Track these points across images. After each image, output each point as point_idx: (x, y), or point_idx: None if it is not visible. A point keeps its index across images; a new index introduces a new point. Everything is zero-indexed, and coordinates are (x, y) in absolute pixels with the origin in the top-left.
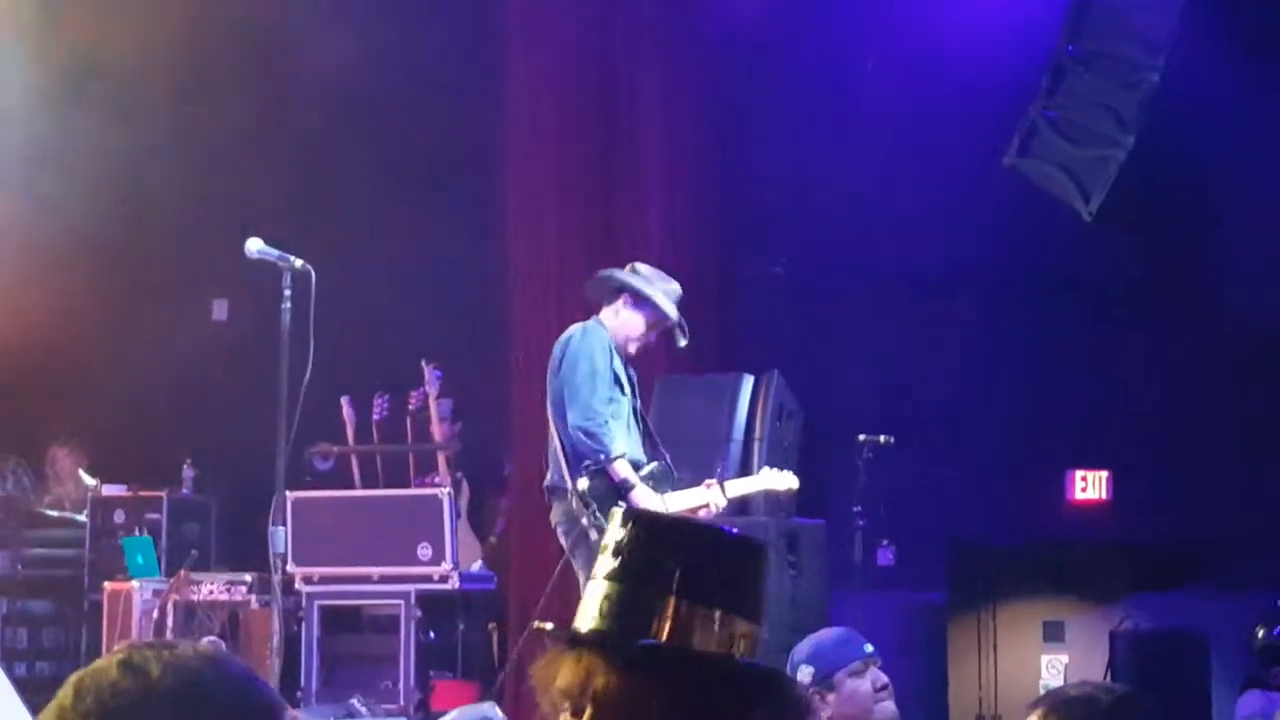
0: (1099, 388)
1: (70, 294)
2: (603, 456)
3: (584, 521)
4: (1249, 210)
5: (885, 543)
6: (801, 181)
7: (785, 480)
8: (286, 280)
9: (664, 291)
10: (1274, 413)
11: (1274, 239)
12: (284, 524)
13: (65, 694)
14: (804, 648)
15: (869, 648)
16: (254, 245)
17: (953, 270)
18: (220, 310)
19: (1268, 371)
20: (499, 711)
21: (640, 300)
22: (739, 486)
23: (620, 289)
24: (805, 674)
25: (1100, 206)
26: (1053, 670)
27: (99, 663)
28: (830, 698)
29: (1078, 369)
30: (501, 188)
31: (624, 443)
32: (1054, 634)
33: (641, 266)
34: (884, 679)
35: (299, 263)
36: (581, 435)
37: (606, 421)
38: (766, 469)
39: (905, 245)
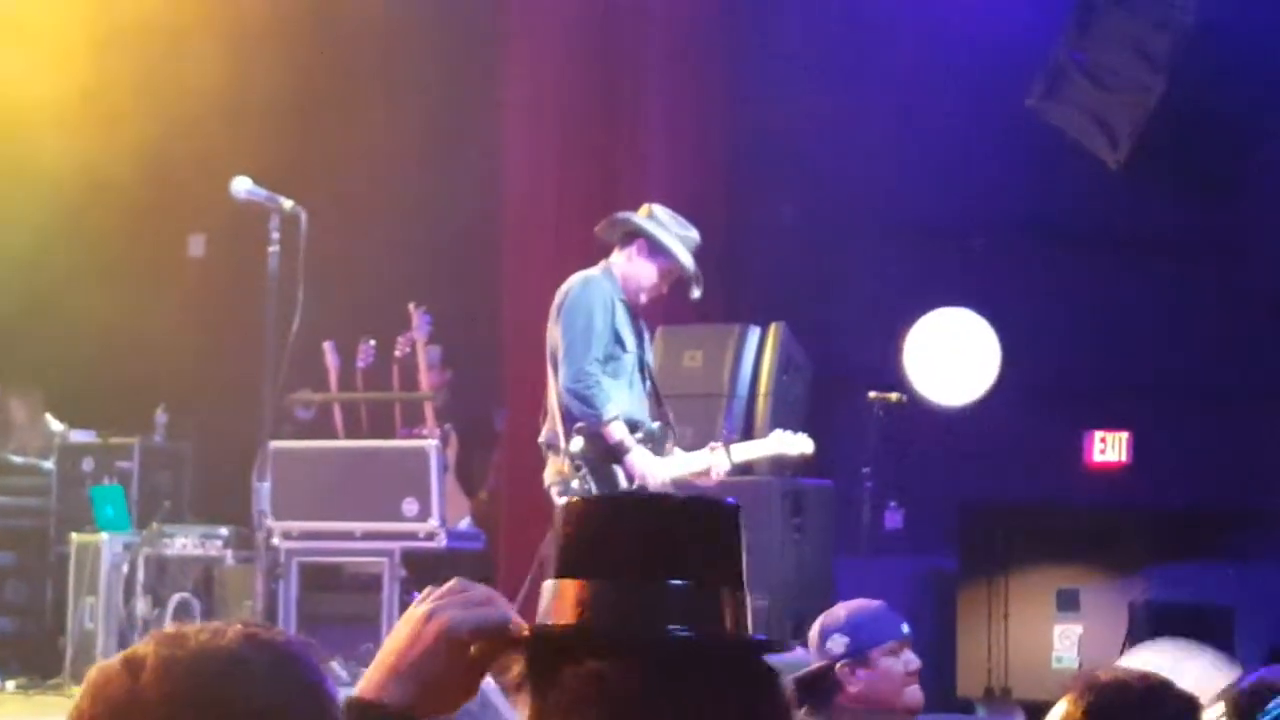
0: (1120, 343)
1: (33, 228)
2: (594, 419)
3: (574, 485)
4: (1274, 164)
5: (893, 505)
6: (811, 125)
7: (799, 444)
8: (274, 223)
9: (681, 239)
10: None
11: None
12: (272, 495)
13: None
14: (838, 616)
15: (905, 628)
16: (241, 185)
17: (968, 220)
18: (197, 246)
19: None
20: (490, 679)
21: (655, 248)
22: (747, 450)
23: (635, 234)
24: (838, 644)
25: (1127, 154)
26: (1066, 641)
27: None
28: (861, 673)
29: (1098, 323)
30: (498, 126)
31: (620, 403)
32: (1068, 603)
33: (659, 210)
34: (917, 662)
35: (289, 204)
36: (571, 398)
37: (599, 382)
38: (778, 431)
39: (919, 193)
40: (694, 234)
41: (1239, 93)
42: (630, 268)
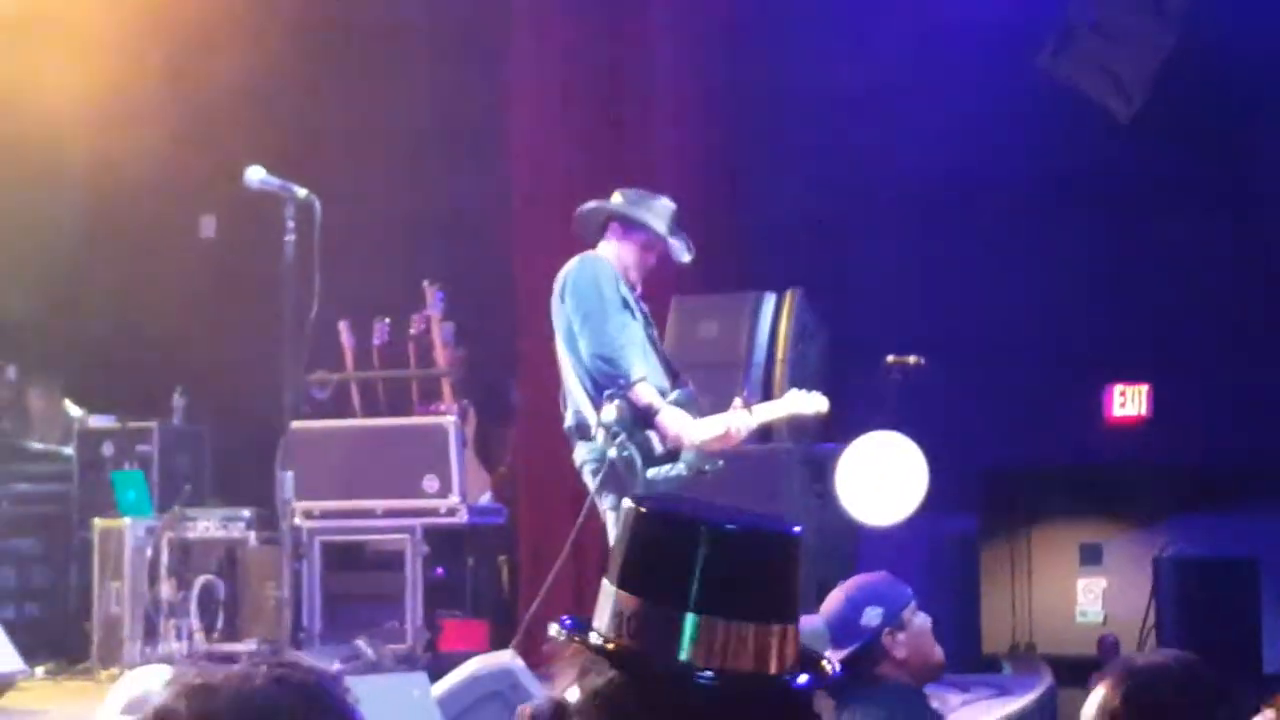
0: (1138, 297)
1: (47, 216)
2: (623, 381)
3: (612, 454)
4: None
5: None
6: (821, 89)
7: (814, 402)
8: (290, 211)
9: (652, 210)
10: None
11: None
12: (292, 468)
13: None
14: (856, 593)
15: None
16: (255, 175)
17: (982, 178)
18: (208, 227)
19: None
20: (520, 661)
21: (629, 225)
22: (766, 410)
23: (608, 219)
24: (874, 615)
25: (1139, 108)
26: (1090, 595)
27: None
28: (901, 636)
29: (1115, 278)
30: (505, 99)
31: (644, 366)
32: (1091, 558)
33: (627, 190)
34: (929, 618)
35: (303, 192)
36: (599, 363)
37: (623, 345)
38: (793, 391)
39: (931, 152)
40: (666, 202)
41: (1250, 44)
42: (612, 251)
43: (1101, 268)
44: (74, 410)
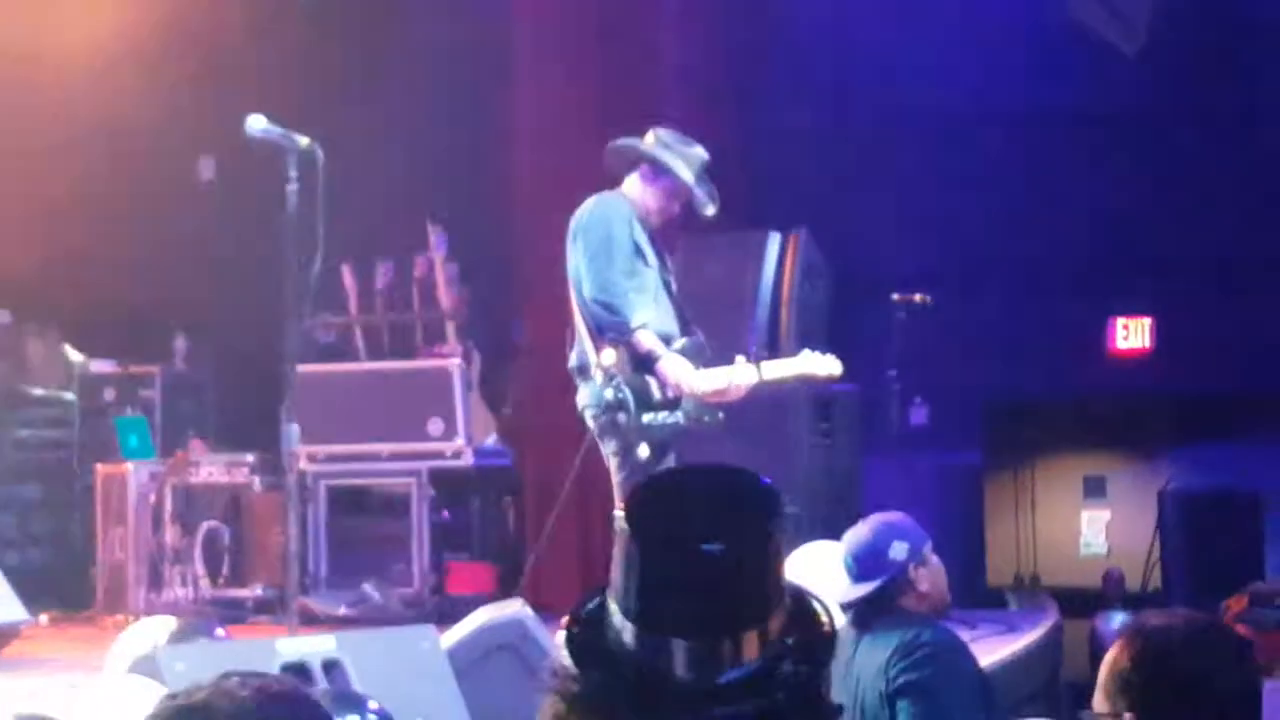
0: (1140, 229)
1: (41, 154)
2: (623, 327)
3: (608, 396)
4: None
5: (918, 401)
6: (827, 27)
7: (827, 364)
8: (291, 160)
9: (683, 156)
10: None
11: None
12: (296, 420)
13: None
14: (883, 528)
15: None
16: (256, 124)
17: (984, 112)
18: (208, 169)
19: None
20: (529, 611)
21: (659, 170)
22: (777, 368)
23: (637, 159)
24: (901, 550)
25: (1143, 41)
26: (1094, 528)
27: None
28: (922, 571)
29: (1117, 211)
30: (508, 36)
31: (647, 314)
32: (1095, 490)
33: (662, 132)
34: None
35: (305, 141)
36: (599, 308)
37: (625, 291)
38: (807, 352)
39: (936, 89)
40: (699, 151)
41: None
42: (637, 192)
43: (1103, 201)
44: (74, 355)
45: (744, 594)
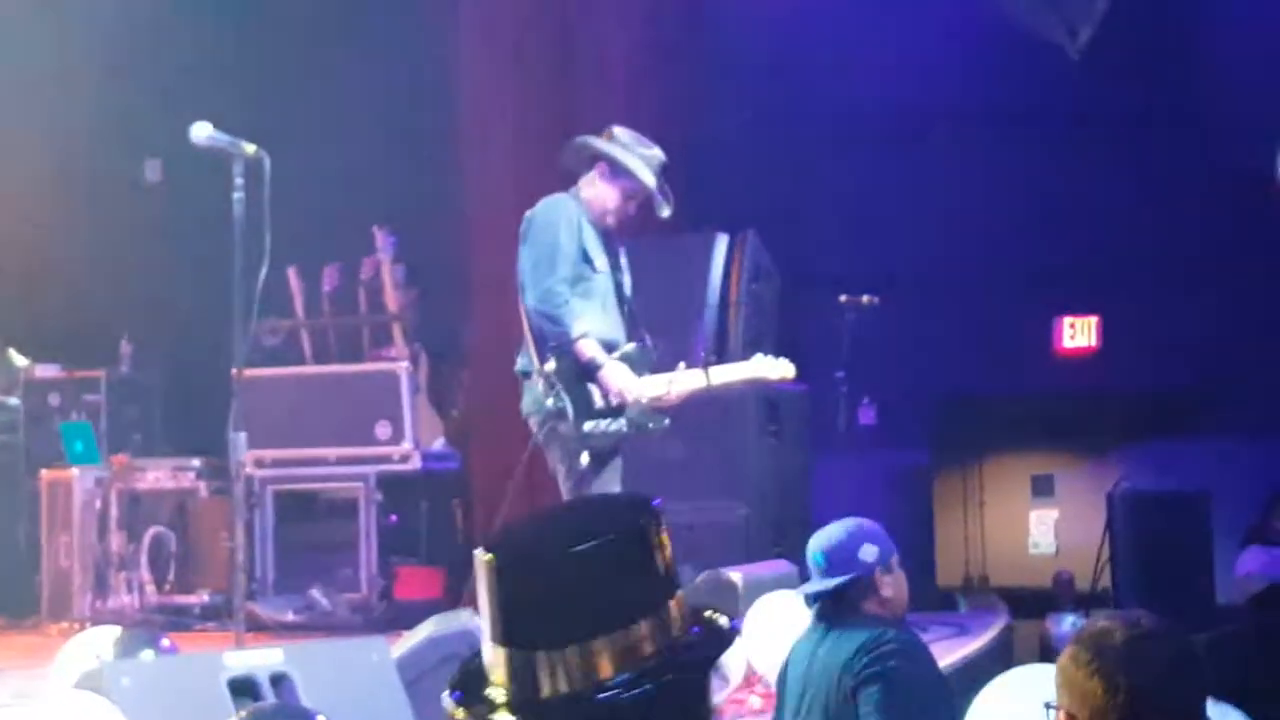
0: (1086, 229)
1: None
2: (564, 338)
3: (549, 404)
4: (1239, 44)
5: (866, 401)
6: (770, 28)
7: (779, 368)
8: (238, 168)
9: (642, 158)
10: (1268, 249)
11: (1266, 72)
12: (244, 429)
13: None
14: (856, 530)
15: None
16: (202, 131)
17: (931, 113)
18: (154, 171)
19: (1261, 207)
20: (478, 620)
21: (616, 170)
22: (726, 372)
23: (595, 158)
24: (870, 553)
25: (1086, 43)
26: (1042, 527)
27: None
28: (887, 578)
29: (1062, 211)
30: (455, 36)
31: (590, 322)
32: (1043, 489)
33: (620, 131)
34: None
35: (251, 149)
36: (540, 318)
37: (566, 301)
38: (759, 356)
39: (882, 87)
40: (656, 152)
41: None
42: (593, 191)
43: (1049, 201)
44: (19, 360)
45: (617, 593)
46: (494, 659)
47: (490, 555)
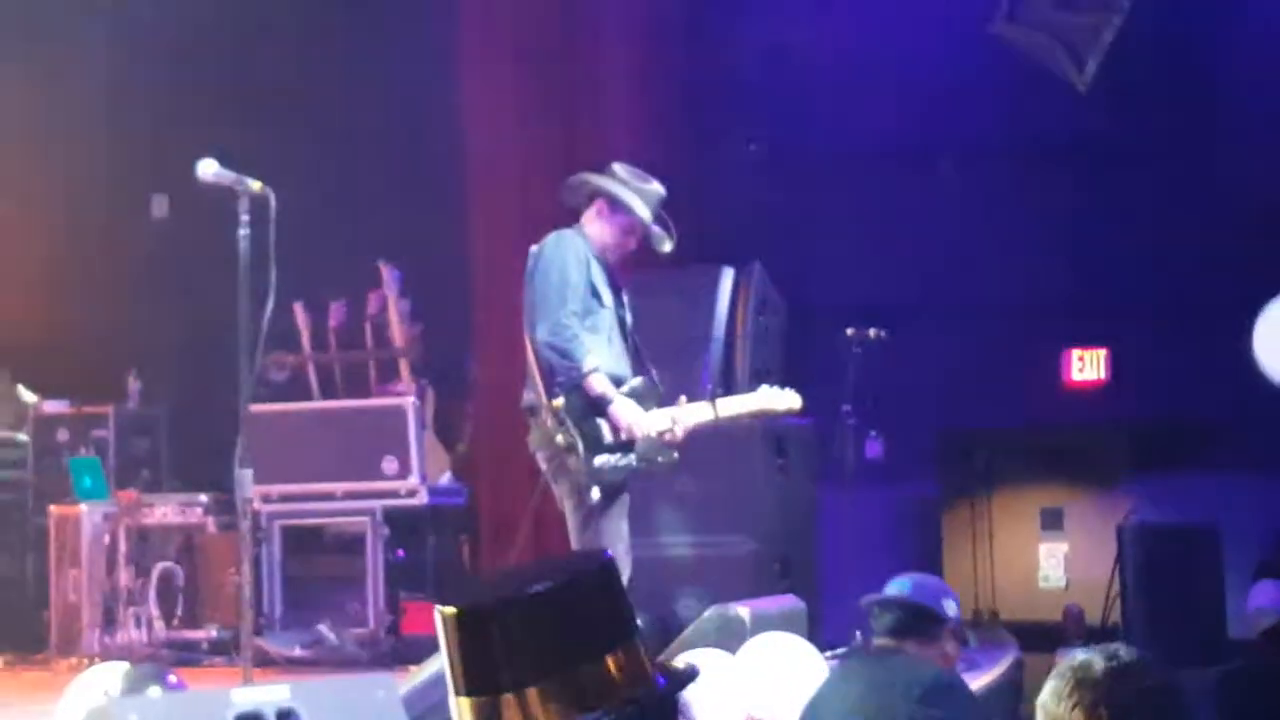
0: (1094, 261)
1: None
2: (575, 372)
3: (559, 440)
4: (1248, 76)
5: (873, 434)
6: (775, 59)
7: (786, 400)
8: (244, 205)
9: (639, 193)
10: (1277, 279)
11: (1274, 104)
12: (251, 466)
13: None
14: (944, 586)
15: None
16: (208, 168)
17: (939, 145)
18: (160, 207)
19: (1270, 239)
20: None
21: (615, 206)
22: (733, 405)
23: (594, 194)
24: (951, 609)
25: (1092, 75)
26: (1052, 561)
27: None
28: (953, 643)
29: (1071, 243)
30: (457, 75)
31: (599, 357)
32: (1052, 522)
33: (619, 167)
34: None
35: (257, 185)
36: (550, 351)
37: (576, 335)
38: (765, 387)
39: (886, 120)
40: (656, 187)
41: (1202, 13)
42: (595, 228)
43: (1057, 233)
44: (27, 396)
45: (575, 633)
46: (459, 713)
47: (450, 608)
